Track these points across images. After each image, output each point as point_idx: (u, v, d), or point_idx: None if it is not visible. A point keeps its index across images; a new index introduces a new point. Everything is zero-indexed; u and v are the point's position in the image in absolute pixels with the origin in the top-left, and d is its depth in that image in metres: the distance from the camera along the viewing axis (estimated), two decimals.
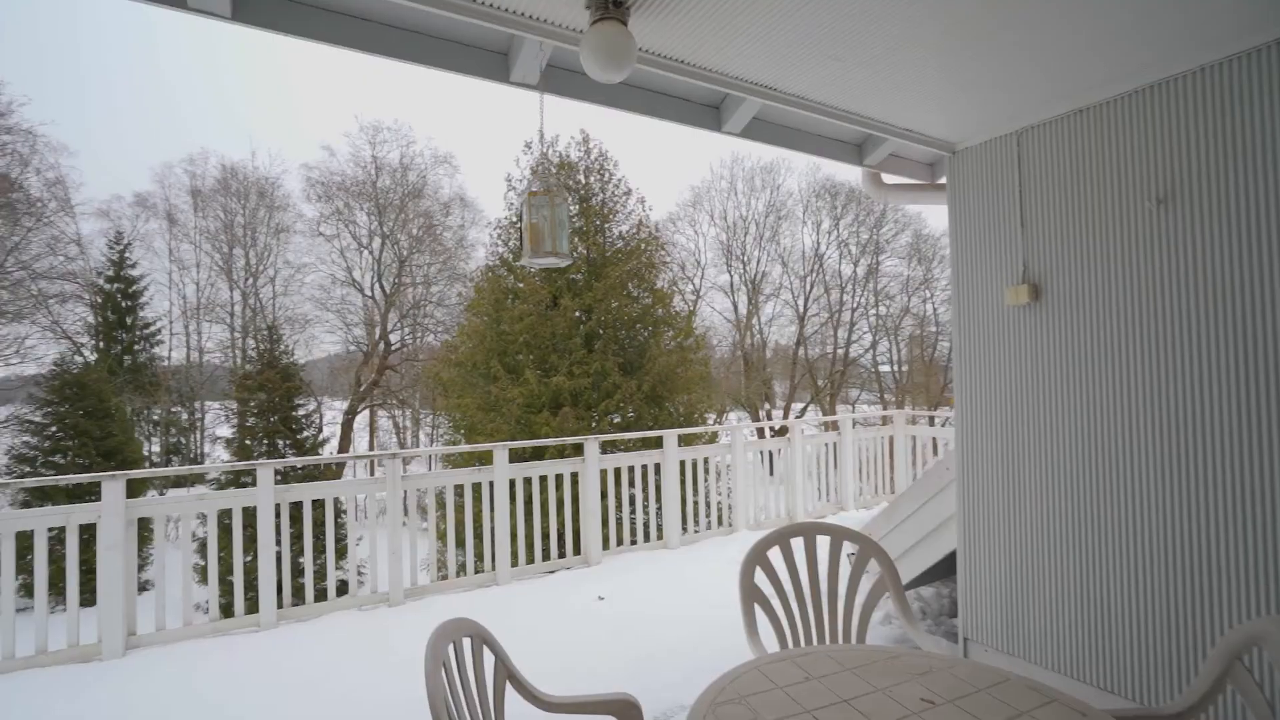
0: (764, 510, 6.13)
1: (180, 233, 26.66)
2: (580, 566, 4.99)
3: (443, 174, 26.43)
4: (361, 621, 4.04)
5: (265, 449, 14.90)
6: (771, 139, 3.09)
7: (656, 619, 3.96)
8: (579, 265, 13.59)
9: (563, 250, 2.18)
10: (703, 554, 5.18)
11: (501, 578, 4.62)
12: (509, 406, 11.53)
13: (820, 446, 6.48)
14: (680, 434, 5.53)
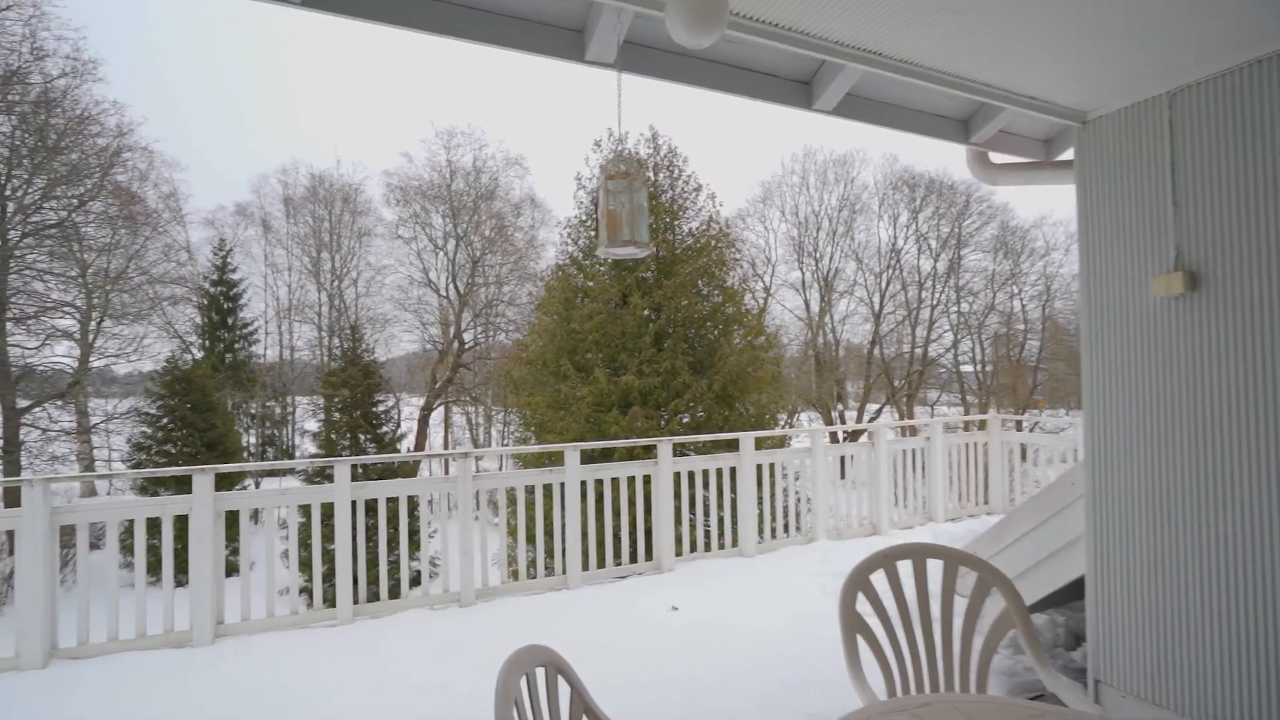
0: (845, 519, 5.77)
1: (274, 238, 28.43)
2: (652, 573, 4.82)
3: (513, 175, 27.00)
4: (434, 621, 4.02)
5: (348, 443, 15.58)
6: (867, 116, 2.81)
7: (734, 632, 3.73)
8: (649, 262, 13.44)
9: (642, 239, 2.00)
10: (781, 564, 4.90)
11: (572, 581, 4.52)
12: (579, 405, 11.52)
13: (906, 452, 6.05)
14: (757, 436, 5.26)
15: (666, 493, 4.86)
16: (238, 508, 3.88)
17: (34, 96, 16.14)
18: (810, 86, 2.65)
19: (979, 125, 2.99)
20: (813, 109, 2.66)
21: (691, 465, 5.05)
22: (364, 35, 45.21)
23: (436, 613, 4.13)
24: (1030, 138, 3.21)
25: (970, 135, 3.03)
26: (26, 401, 17.43)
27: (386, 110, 41.80)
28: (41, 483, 3.51)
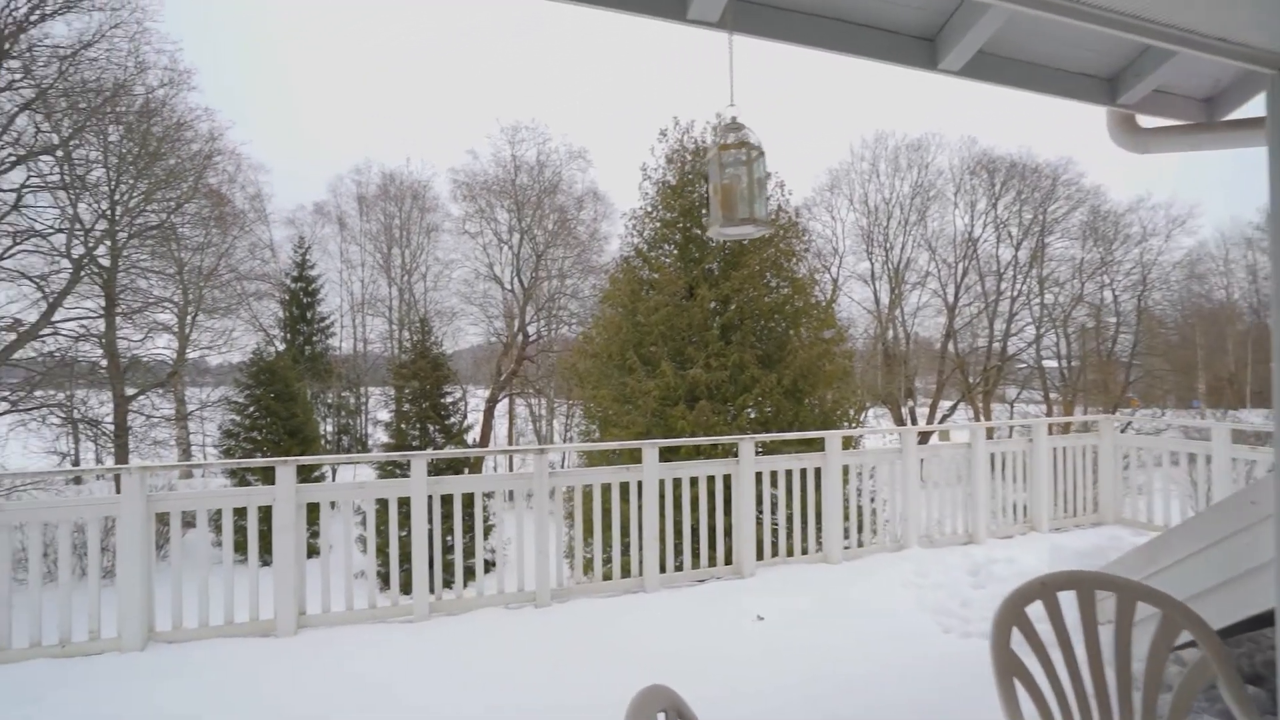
0: (938, 525, 5.35)
1: (349, 235, 29.55)
2: (732, 577, 4.59)
3: (576, 169, 27.07)
4: (509, 621, 3.92)
5: (418, 433, 15.99)
6: (998, 76, 2.46)
7: (825, 649, 3.46)
8: (715, 254, 13.13)
9: (761, 216, 1.76)
10: (870, 572, 4.57)
11: (649, 584, 4.34)
12: (644, 399, 11.36)
13: (1006, 455, 5.57)
14: (844, 435, 4.93)
15: (748, 494, 4.60)
16: (318, 499, 3.89)
17: (138, 107, 17.22)
18: (935, 44, 2.34)
19: (1129, 84, 2.59)
20: (937, 69, 2.35)
21: (774, 465, 4.77)
22: (432, 35, 46.43)
23: (512, 612, 4.03)
24: (1189, 97, 2.77)
25: (1117, 96, 2.63)
26: (133, 390, 18.75)
27: (454, 108, 42.83)
28: (139, 471, 3.59)
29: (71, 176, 15.94)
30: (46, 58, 15.23)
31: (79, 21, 15.64)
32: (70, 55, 15.48)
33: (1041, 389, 28.38)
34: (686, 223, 13.26)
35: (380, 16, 43.61)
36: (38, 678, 3.32)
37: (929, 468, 5.38)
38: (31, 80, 15.07)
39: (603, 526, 4.31)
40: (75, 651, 3.56)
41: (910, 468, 5.10)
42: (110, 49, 16.14)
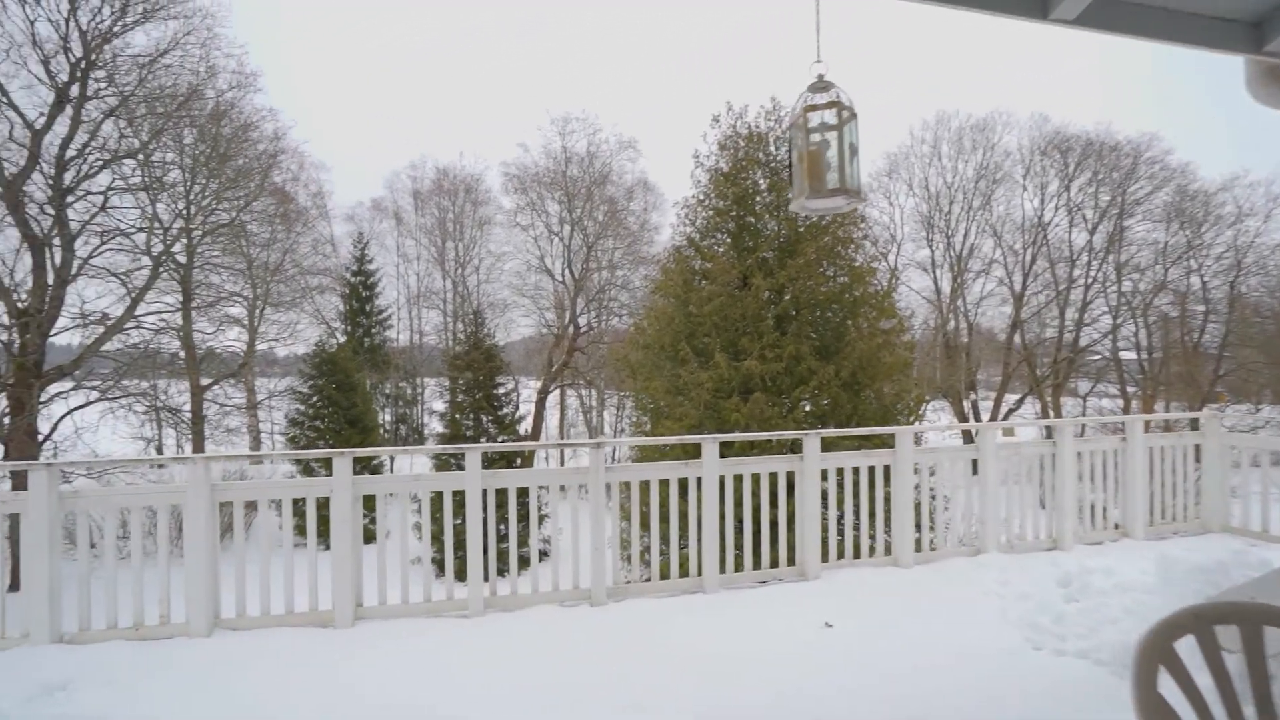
0: (1018, 531, 4.97)
1: (405, 230, 30.31)
2: (795, 579, 4.36)
3: (626, 159, 26.92)
4: (565, 620, 3.81)
5: (471, 423, 16.24)
6: (1120, 25, 2.15)
7: (900, 661, 3.21)
8: (770, 241, 12.77)
9: (854, 186, 1.54)
10: (946, 578, 4.26)
11: (708, 584, 4.16)
12: (698, 391, 11.14)
13: (1095, 453, 5.12)
14: (916, 431, 4.62)
15: (813, 492, 4.36)
16: (374, 492, 3.87)
17: (209, 110, 17.98)
18: None
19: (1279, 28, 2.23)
20: (1049, 19, 2.06)
21: (840, 461, 4.51)
22: (484, 28, 46.98)
23: (567, 610, 3.93)
24: None
25: (1265, 42, 2.27)
26: (208, 380, 19.75)
27: (506, 101, 43.30)
28: (204, 461, 3.64)
29: (151, 178, 16.78)
30: (128, 66, 16.04)
31: (156, 31, 16.42)
32: (149, 63, 16.26)
33: (1118, 382, 26.69)
34: (740, 210, 12.93)
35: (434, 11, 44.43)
36: (114, 660, 3.40)
37: (1003, 467, 4.99)
38: (115, 88, 15.91)
39: (659, 523, 4.15)
40: (148, 635, 3.65)
41: (989, 466, 4.74)
42: (184, 55, 16.88)
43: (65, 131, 15.29)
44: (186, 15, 16.69)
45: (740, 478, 4.34)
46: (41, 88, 15.17)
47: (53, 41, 15.01)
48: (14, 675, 3.13)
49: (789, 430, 10.67)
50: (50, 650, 3.48)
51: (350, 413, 18.55)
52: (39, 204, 15.02)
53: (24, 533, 3.55)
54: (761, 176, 13.27)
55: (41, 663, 3.32)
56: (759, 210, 13.20)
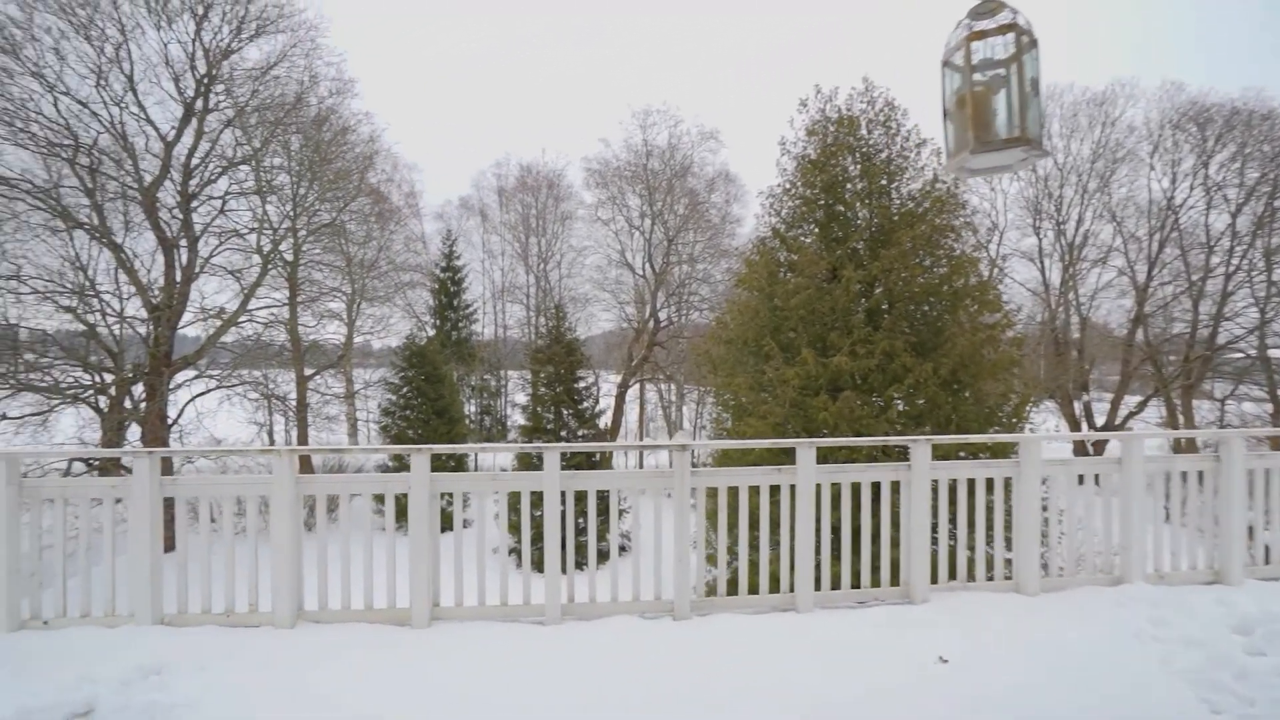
0: (1170, 559, 4.28)
1: (490, 226, 31.17)
2: (900, 601, 3.92)
3: (707, 150, 26.43)
4: (644, 633, 3.57)
5: (552, 416, 16.40)
6: None
7: (1034, 711, 2.74)
8: (861, 231, 12.05)
9: (1034, 134, 1.18)
10: (1080, 611, 3.69)
11: (801, 602, 3.80)
12: (783, 388, 10.65)
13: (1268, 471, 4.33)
14: (1043, 438, 4.04)
15: (922, 504, 3.89)
16: (452, 490, 3.78)
17: (311, 116, 19.05)
18: None
19: None
20: None
21: (954, 472, 4.01)
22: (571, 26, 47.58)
23: (648, 623, 3.68)
24: None
25: None
26: (310, 370, 21.06)
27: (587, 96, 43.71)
28: (289, 453, 3.66)
29: (262, 182, 17.99)
30: (242, 79, 17.23)
31: (267, 45, 17.56)
32: (261, 75, 17.40)
33: (1267, 384, 23.63)
34: (829, 199, 12.26)
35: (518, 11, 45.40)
36: (207, 645, 3.47)
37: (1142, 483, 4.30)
38: (232, 100, 17.13)
39: (749, 532, 3.83)
40: (238, 622, 3.72)
41: (1134, 481, 4.08)
42: (290, 66, 17.95)
43: (191, 142, 16.62)
44: (293, 28, 17.73)
45: (838, 486, 3.94)
46: (172, 103, 16.57)
47: (181, 61, 16.34)
48: (116, 655, 3.24)
49: (886, 434, 10.00)
50: (151, 631, 3.59)
51: (438, 404, 19.22)
52: (169, 208, 16.42)
53: (130, 516, 3.70)
54: (852, 163, 12.53)
55: (141, 643, 3.42)
56: (849, 198, 12.48)
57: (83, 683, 2.71)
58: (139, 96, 15.95)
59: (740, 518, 3.83)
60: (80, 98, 15.25)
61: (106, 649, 3.37)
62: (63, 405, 15.13)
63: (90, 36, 15.20)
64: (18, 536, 3.71)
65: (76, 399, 15.16)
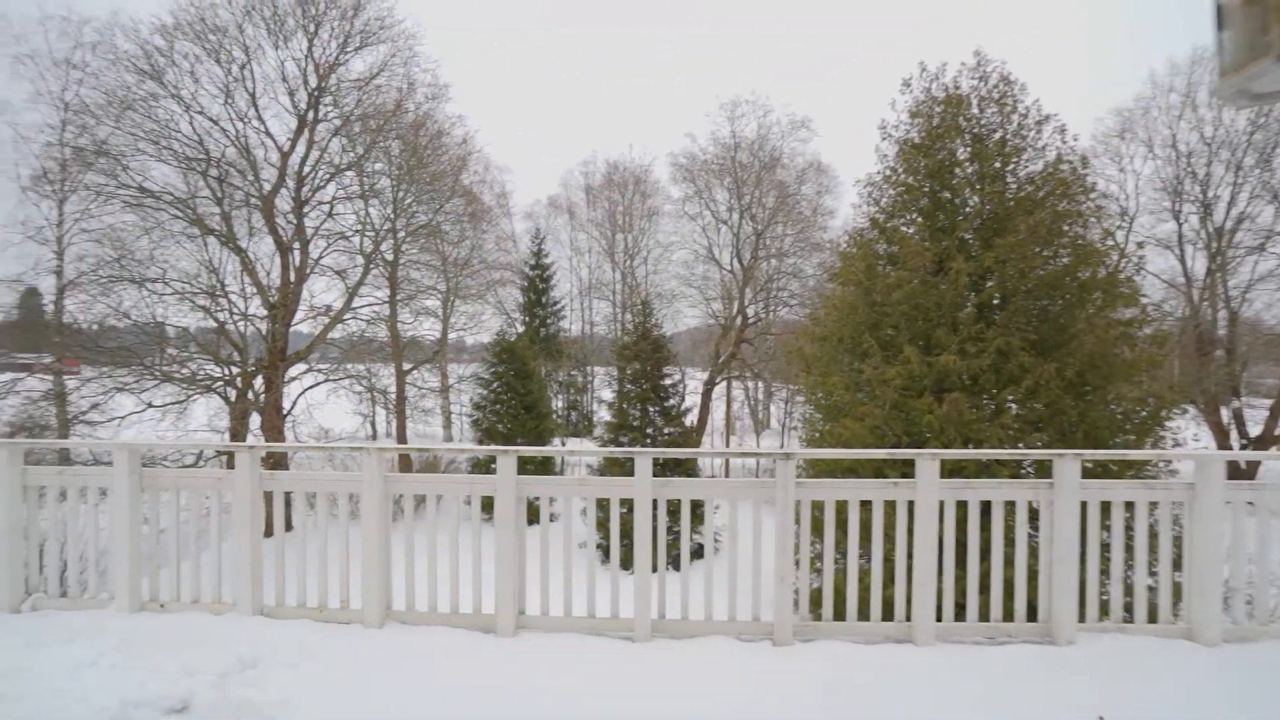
0: None
1: (577, 224, 31.57)
2: (1040, 641, 3.39)
3: (798, 141, 25.44)
4: (741, 658, 3.26)
5: (639, 413, 16.27)
6: None
7: None
8: (972, 218, 11.08)
9: None
10: (1276, 670, 3.03)
11: (920, 633, 3.36)
12: (882, 388, 9.94)
13: None
14: (1229, 458, 3.37)
15: (1068, 529, 3.34)
16: (539, 494, 3.62)
17: (409, 121, 19.89)
18: None
19: None
20: None
21: (1110, 493, 3.42)
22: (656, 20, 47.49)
23: (745, 646, 3.37)
24: None
25: None
26: (409, 365, 22.09)
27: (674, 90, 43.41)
28: (376, 451, 3.62)
29: (366, 187, 18.98)
30: (347, 89, 18.23)
31: (370, 56, 18.49)
32: (364, 85, 18.35)
33: None
34: (934, 186, 11.35)
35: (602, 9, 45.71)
36: (300, 640, 3.48)
37: None
38: (339, 110, 18.17)
39: (859, 551, 3.43)
40: (329, 618, 3.73)
41: None
42: (390, 74, 18.81)
43: (303, 151, 17.77)
44: (393, 39, 18.56)
45: (964, 504, 3.45)
46: (287, 115, 17.79)
47: (295, 76, 17.50)
48: (218, 645, 3.29)
49: (1001, 442, 9.12)
50: (251, 622, 3.67)
51: (526, 399, 19.60)
52: (284, 214, 17.64)
53: (233, 509, 3.79)
54: (961, 145, 11.55)
55: (242, 634, 3.49)
56: (957, 184, 11.51)
57: (182, 676, 2.74)
58: (260, 111, 17.21)
59: (849, 534, 3.44)
60: (211, 115, 16.65)
61: (210, 637, 3.45)
62: (197, 395, 16.59)
63: (220, 59, 16.55)
64: (139, 522, 3.90)
65: (209, 389, 16.57)
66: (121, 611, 3.81)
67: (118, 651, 2.93)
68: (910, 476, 3.38)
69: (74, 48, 16.56)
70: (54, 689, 2.57)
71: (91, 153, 16.05)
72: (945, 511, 3.41)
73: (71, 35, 16.62)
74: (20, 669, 2.72)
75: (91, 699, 2.48)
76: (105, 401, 15.62)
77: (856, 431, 10.06)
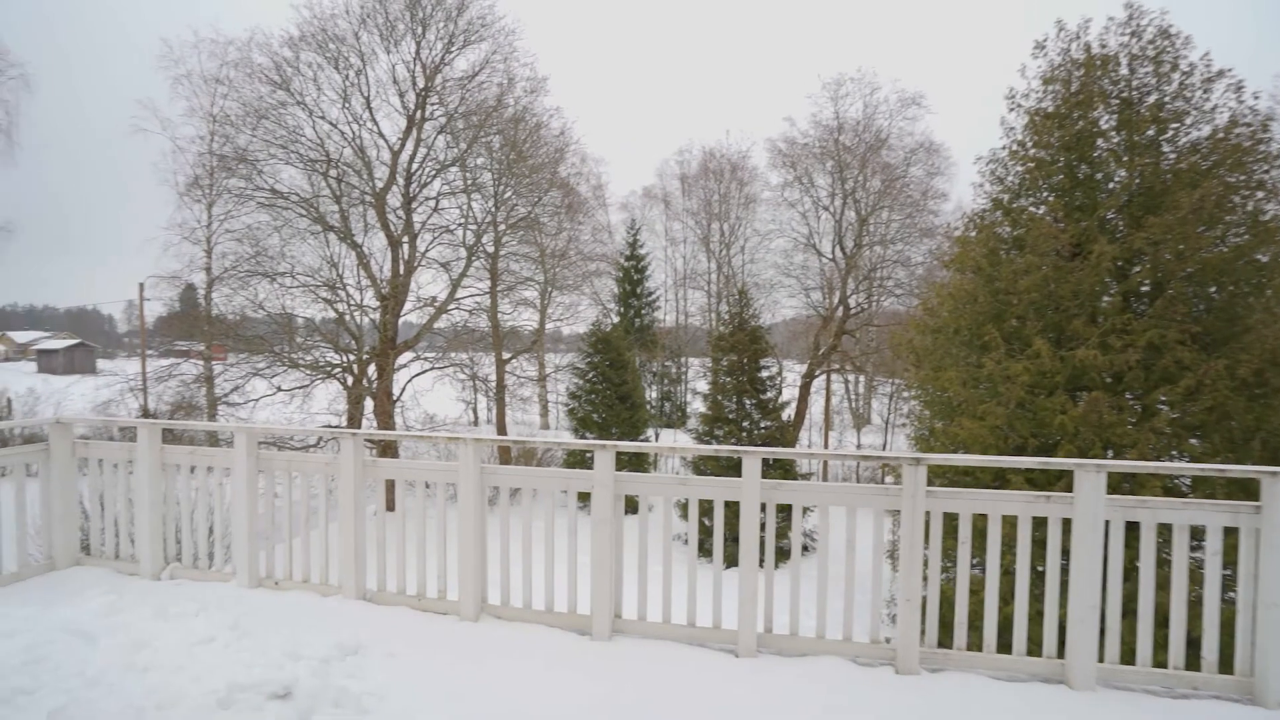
0: None
1: (672, 213, 31.33)
2: (1236, 699, 2.78)
3: (906, 120, 23.80)
4: (859, 686, 2.91)
5: (734, 405, 15.85)
6: None
7: None
8: (1118, 195, 9.79)
9: None
10: None
11: (1077, 676, 2.85)
12: (1007, 385, 9.01)
13: None
14: None
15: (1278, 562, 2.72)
16: (637, 493, 3.42)
17: (509, 115, 20.37)
18: None
19: None
20: None
21: None
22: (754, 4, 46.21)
23: (863, 672, 3.01)
24: None
25: None
26: (508, 354, 22.80)
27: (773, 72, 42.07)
28: (473, 442, 3.56)
29: (468, 181, 19.67)
30: (451, 88, 18.91)
31: (472, 54, 19.08)
32: (467, 81, 18.97)
33: None
34: (1072, 159, 10.13)
35: None
36: (399, 628, 3.50)
37: None
38: (444, 108, 18.90)
39: (999, 570, 2.98)
40: (428, 607, 3.73)
41: None
42: (491, 70, 19.32)
43: (411, 149, 18.64)
44: (494, 35, 19.05)
45: (1135, 525, 2.90)
46: (397, 116, 18.72)
47: (404, 79, 18.36)
48: (323, 628, 3.35)
49: (1154, 447, 8.03)
50: (353, 606, 3.73)
51: (621, 389, 19.68)
52: (394, 210, 18.61)
53: (339, 495, 3.87)
54: (1106, 112, 10.24)
55: (345, 619, 3.55)
56: (1099, 158, 10.22)
57: (287, 660, 2.77)
58: (373, 113, 18.21)
59: (987, 551, 2.99)
60: (330, 119, 17.81)
61: (316, 620, 3.52)
62: (319, 380, 17.92)
63: (338, 65, 17.64)
64: (255, 502, 4.08)
65: (329, 375, 17.84)
66: (242, 586, 4.00)
67: (232, 630, 3.02)
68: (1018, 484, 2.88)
69: (220, 66, 18.26)
70: (174, 664, 2.67)
71: (233, 160, 17.66)
72: (1111, 533, 2.87)
73: (218, 55, 18.34)
74: (149, 641, 2.85)
75: (204, 679, 2.54)
76: (243, 385, 17.22)
77: (975, 432, 9.21)
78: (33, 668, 2.57)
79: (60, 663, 2.62)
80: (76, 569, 4.39)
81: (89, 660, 2.66)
